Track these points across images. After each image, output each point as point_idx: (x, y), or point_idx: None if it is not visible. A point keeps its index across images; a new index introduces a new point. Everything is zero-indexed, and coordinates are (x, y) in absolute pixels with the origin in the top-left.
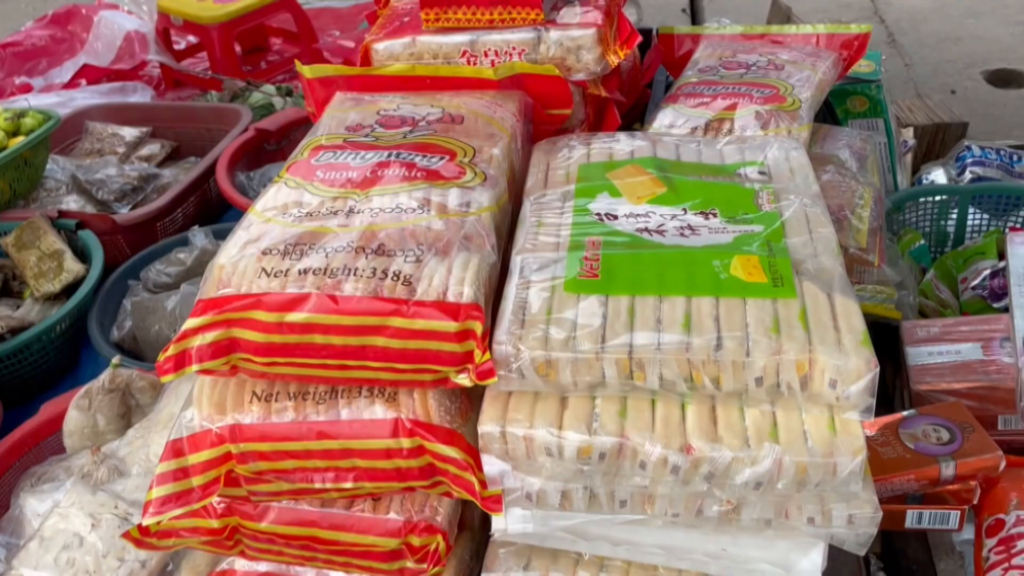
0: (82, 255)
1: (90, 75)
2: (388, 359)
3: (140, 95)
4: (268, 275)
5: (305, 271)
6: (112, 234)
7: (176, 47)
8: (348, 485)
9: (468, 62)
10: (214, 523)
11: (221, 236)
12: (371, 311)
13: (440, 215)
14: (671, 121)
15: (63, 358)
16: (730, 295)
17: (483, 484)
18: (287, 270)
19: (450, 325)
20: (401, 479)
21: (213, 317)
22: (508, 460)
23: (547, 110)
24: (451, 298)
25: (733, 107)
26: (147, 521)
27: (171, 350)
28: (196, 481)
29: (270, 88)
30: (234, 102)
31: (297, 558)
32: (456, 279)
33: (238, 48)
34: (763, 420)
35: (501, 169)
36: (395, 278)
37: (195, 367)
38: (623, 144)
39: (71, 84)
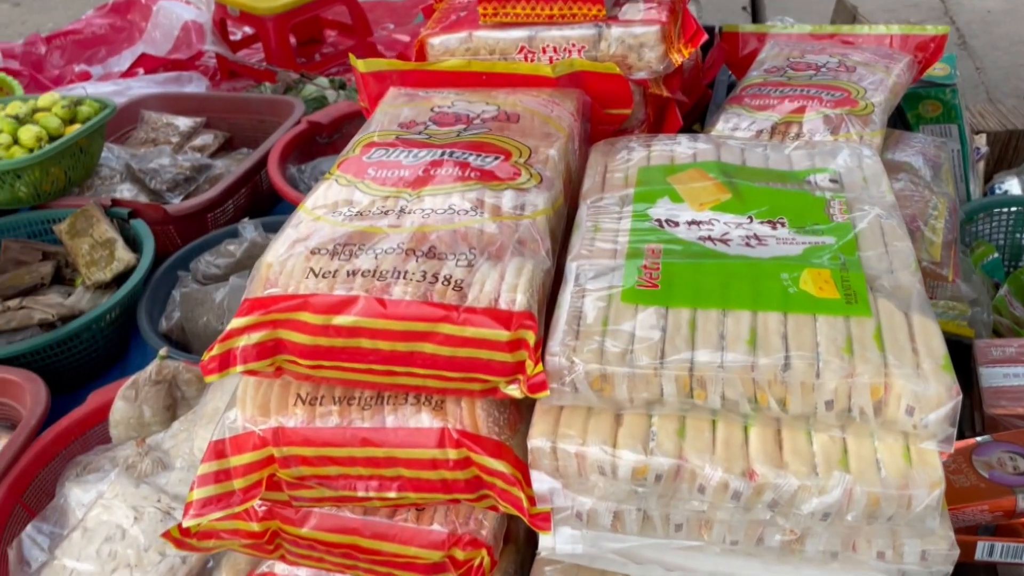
0: (134, 244)
1: (147, 64)
2: (436, 366)
3: (195, 85)
4: (316, 275)
5: (354, 272)
6: (163, 224)
7: (232, 38)
8: (392, 495)
9: (525, 58)
10: (255, 526)
11: (271, 229)
12: (420, 316)
13: (493, 217)
14: (735, 124)
15: (112, 347)
16: (799, 311)
17: (532, 501)
18: (335, 271)
19: (501, 334)
20: (447, 491)
21: (259, 317)
22: (558, 477)
23: (606, 109)
24: (503, 305)
25: (801, 110)
26: (188, 523)
27: (216, 349)
28: (238, 484)
29: (323, 81)
30: (287, 94)
31: (337, 566)
32: (509, 285)
33: (293, 40)
34: (832, 446)
35: (557, 170)
36: (446, 283)
37: (239, 368)
38: (685, 147)
39: (129, 73)
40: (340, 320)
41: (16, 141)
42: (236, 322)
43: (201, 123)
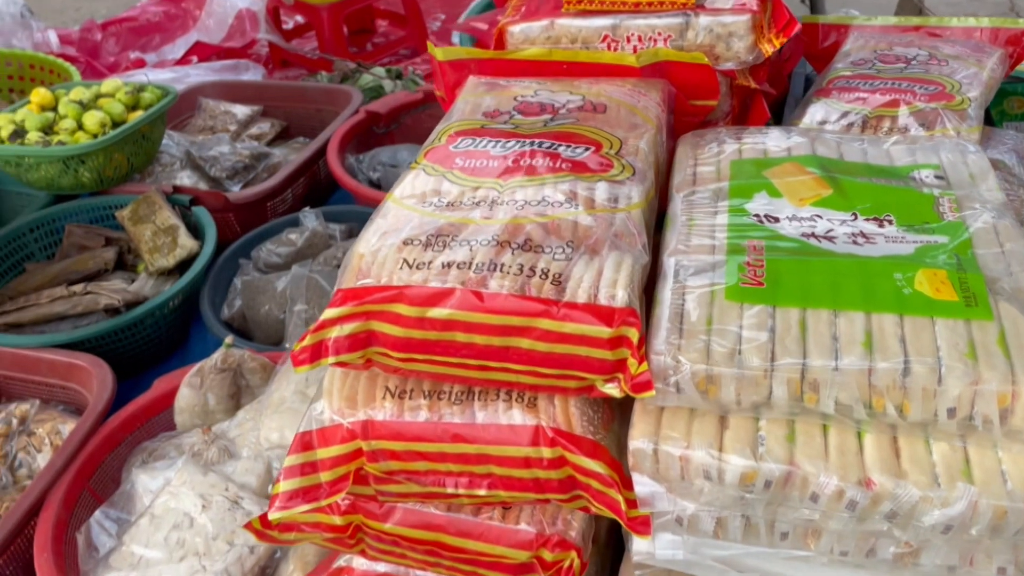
0: (195, 231)
1: (201, 52)
2: (532, 362)
3: (252, 74)
4: (410, 267)
5: (448, 264)
6: (224, 211)
7: (284, 26)
8: (482, 492)
9: (608, 47)
10: (337, 520)
11: (332, 218)
12: (518, 311)
13: (588, 210)
14: (823, 116)
15: (174, 333)
16: (916, 313)
17: (630, 504)
18: (429, 262)
19: (603, 331)
20: (539, 490)
21: (352, 308)
22: (660, 480)
23: (690, 100)
24: (603, 301)
25: (893, 103)
26: (274, 516)
27: (308, 340)
28: (324, 477)
29: (380, 70)
30: (344, 83)
31: (420, 562)
32: (608, 280)
33: (344, 29)
34: (953, 456)
35: (648, 162)
36: (543, 276)
37: (331, 359)
38: (778, 140)
39: (183, 60)
40: (435, 313)
41: (80, 127)
42: (329, 313)
43: (258, 111)
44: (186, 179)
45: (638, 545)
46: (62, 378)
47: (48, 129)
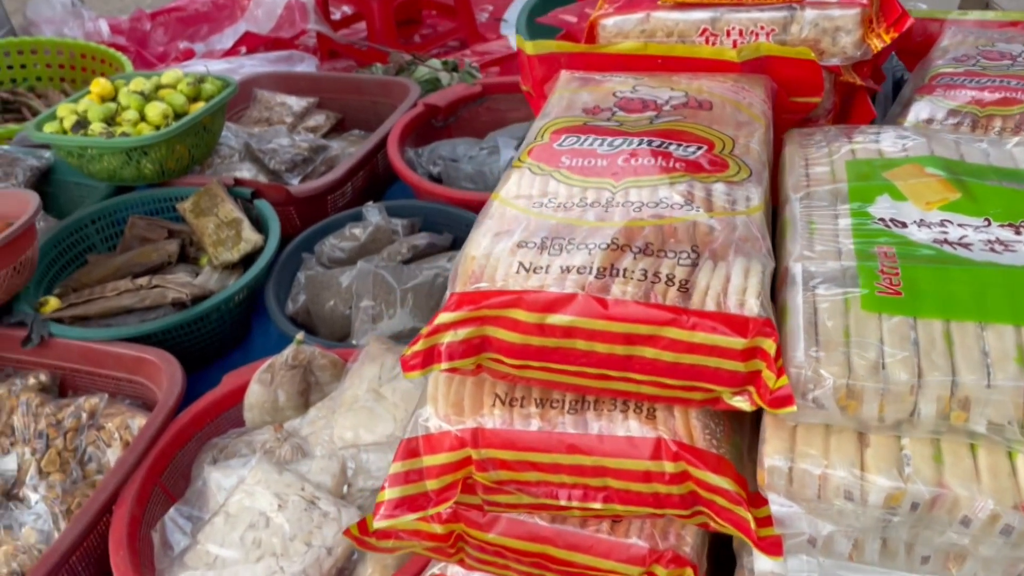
0: (257, 224)
1: (250, 43)
2: (656, 372)
3: (306, 65)
4: (526, 271)
5: (567, 268)
6: (285, 205)
7: (332, 17)
8: (596, 505)
9: (707, 41)
10: (438, 528)
11: (394, 213)
12: (644, 319)
13: (709, 212)
14: (929, 115)
15: (237, 328)
16: None
17: (760, 522)
18: (547, 266)
19: (737, 341)
20: (658, 505)
21: (468, 313)
22: (793, 499)
23: (792, 97)
24: (732, 309)
25: (1005, 102)
26: (379, 524)
27: (420, 345)
28: (431, 485)
29: (436, 63)
30: (400, 76)
31: (523, 574)
32: (736, 287)
33: None
34: None
35: (762, 162)
36: (669, 282)
37: (444, 365)
38: (892, 140)
39: (231, 51)
40: (555, 319)
41: (143, 118)
42: (444, 317)
43: (314, 103)
44: (245, 171)
45: (762, 565)
46: (129, 372)
47: (110, 120)
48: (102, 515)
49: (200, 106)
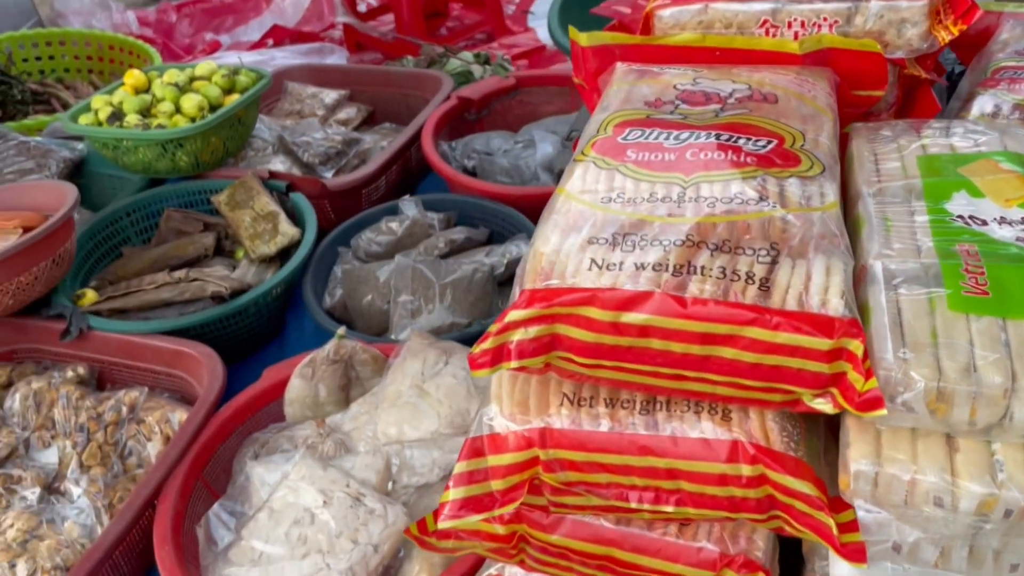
0: (292, 217)
1: (277, 35)
2: (735, 373)
3: (336, 57)
4: (599, 267)
5: (642, 266)
6: (319, 198)
7: (358, 9)
8: (668, 509)
9: (767, 33)
10: (500, 529)
11: (430, 207)
12: (725, 318)
13: (785, 208)
14: (993, 109)
15: (273, 322)
16: None
17: (843, 528)
18: (620, 263)
19: (822, 342)
20: (732, 509)
21: (539, 311)
22: (878, 505)
23: (854, 91)
24: (814, 308)
25: None
26: (444, 525)
27: (489, 343)
28: (496, 486)
29: (468, 55)
30: (431, 68)
31: None
32: (818, 286)
33: None
34: None
35: (833, 157)
36: (748, 280)
37: (513, 363)
38: (963, 134)
39: (259, 44)
40: (631, 318)
41: (178, 110)
42: (514, 315)
43: (345, 96)
44: (279, 164)
45: (841, 571)
46: (168, 365)
47: (146, 112)
48: (145, 510)
49: (235, 98)
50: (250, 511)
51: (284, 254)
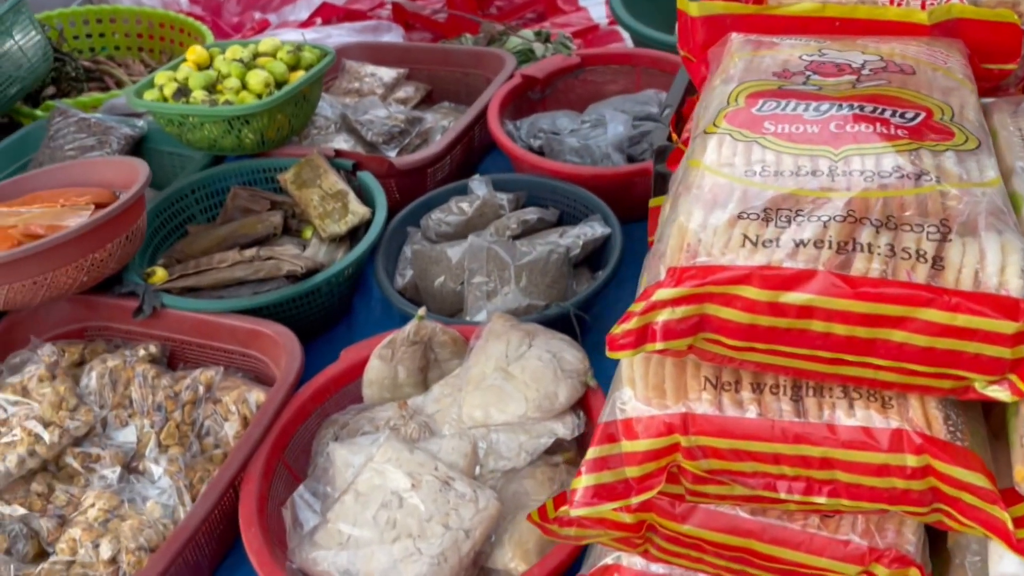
0: (360, 196)
1: (326, 14)
2: (902, 358)
3: (392, 35)
4: (753, 244)
5: (801, 243)
6: (386, 177)
7: None
8: (820, 500)
9: (891, 2)
10: (628, 518)
11: (499, 187)
12: (897, 299)
13: (948, 183)
14: None
15: (343, 302)
16: None
17: (1018, 522)
18: (775, 239)
19: (1006, 325)
20: (892, 502)
21: (689, 290)
22: None
23: (983, 64)
24: (992, 290)
25: None
26: (577, 513)
27: (633, 323)
28: (630, 472)
29: (528, 33)
30: (491, 46)
31: (720, 569)
32: (995, 266)
33: None
34: None
35: (984, 130)
36: (920, 258)
37: (658, 345)
38: None
39: (307, 23)
40: (791, 298)
41: (244, 86)
42: (662, 293)
43: (403, 74)
44: (342, 143)
45: (1008, 567)
46: (242, 345)
47: (211, 88)
48: (228, 490)
49: (300, 75)
50: (334, 493)
51: (351, 234)
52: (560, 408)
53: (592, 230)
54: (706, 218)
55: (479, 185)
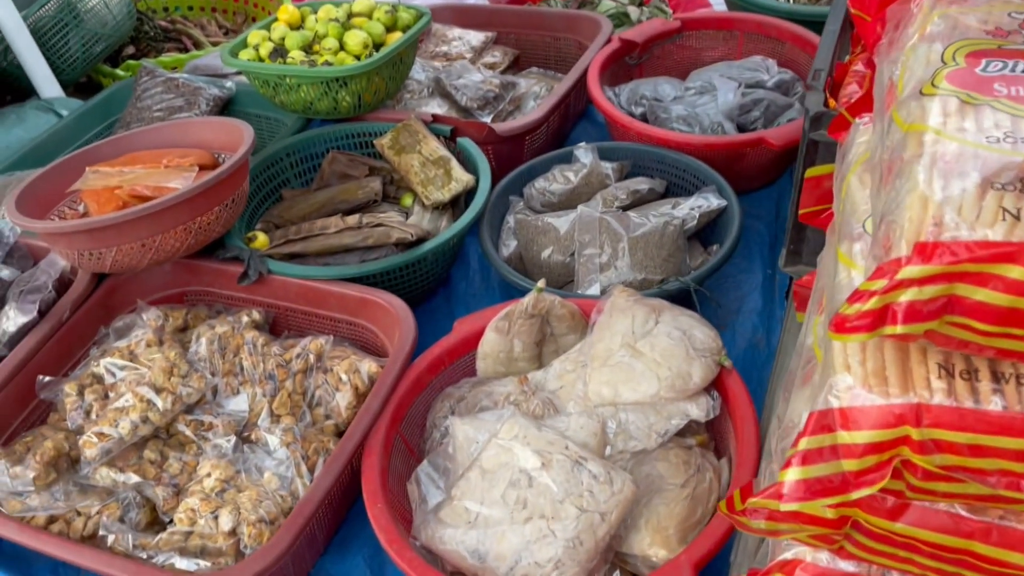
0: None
1: None
2: None
3: None
4: (1015, 218)
5: None
6: (484, 144)
7: None
8: None
9: None
10: (830, 513)
11: (604, 155)
12: None
13: None
14: None
15: (445, 270)
16: None
17: None
18: None
19: None
20: None
21: (942, 267)
22: None
23: None
24: None
25: None
26: (787, 507)
27: (872, 303)
28: (848, 466)
29: None
30: (583, 9)
31: (930, 570)
32: None
33: None
34: None
35: None
36: None
37: (898, 328)
38: None
39: None
40: None
41: (343, 47)
42: (910, 271)
43: (491, 38)
44: (436, 107)
45: None
46: (351, 314)
47: (308, 48)
48: (349, 463)
49: (397, 36)
50: (456, 469)
51: (452, 202)
52: (694, 388)
53: (707, 202)
54: (949, 187)
55: (585, 153)
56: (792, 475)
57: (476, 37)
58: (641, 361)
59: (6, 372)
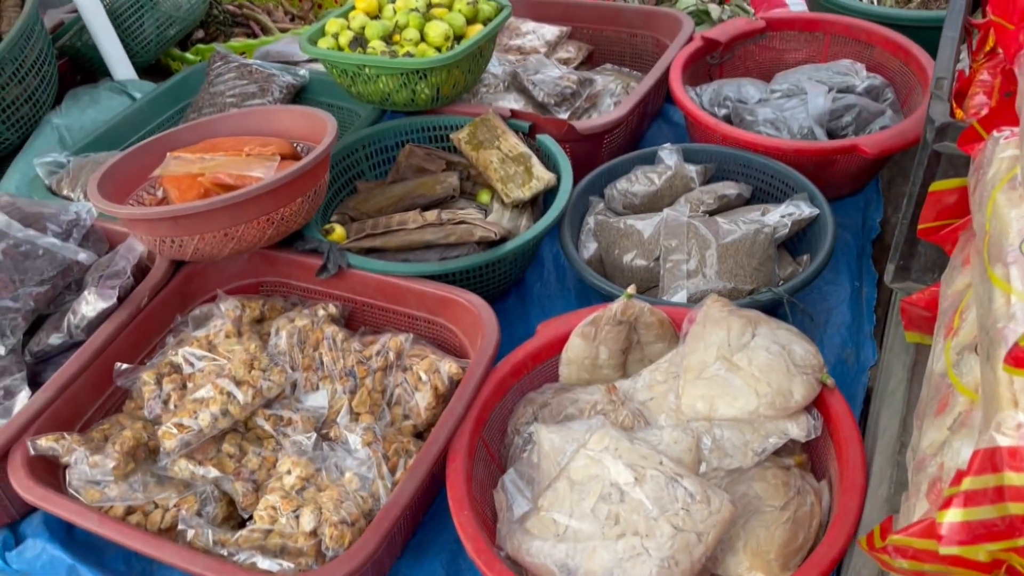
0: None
1: None
2: None
3: None
4: None
5: None
6: (563, 141)
7: None
8: None
9: None
10: (982, 556)
11: (688, 157)
12: None
13: None
14: None
15: (521, 271)
16: None
17: None
18: None
19: None
20: None
21: None
22: None
23: None
24: None
25: None
26: (946, 550)
27: None
28: (1016, 509)
29: None
30: (661, 6)
31: None
32: None
33: None
34: None
35: None
36: None
37: None
38: None
39: None
40: None
41: (423, 38)
42: None
43: (566, 33)
44: (512, 102)
45: None
46: (430, 312)
47: (388, 39)
48: (433, 467)
49: (478, 28)
50: (541, 479)
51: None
52: (795, 407)
53: (798, 210)
54: None
55: (669, 155)
56: (953, 516)
57: (550, 31)
58: (738, 376)
59: (85, 358)
